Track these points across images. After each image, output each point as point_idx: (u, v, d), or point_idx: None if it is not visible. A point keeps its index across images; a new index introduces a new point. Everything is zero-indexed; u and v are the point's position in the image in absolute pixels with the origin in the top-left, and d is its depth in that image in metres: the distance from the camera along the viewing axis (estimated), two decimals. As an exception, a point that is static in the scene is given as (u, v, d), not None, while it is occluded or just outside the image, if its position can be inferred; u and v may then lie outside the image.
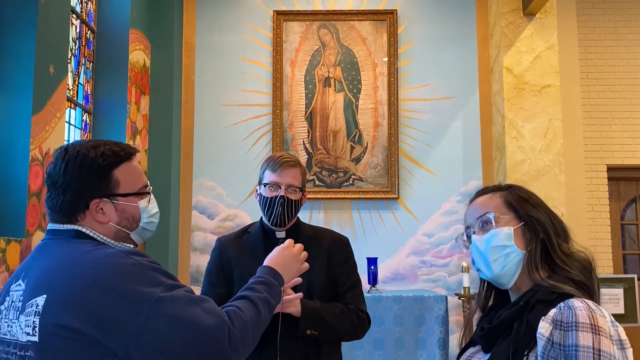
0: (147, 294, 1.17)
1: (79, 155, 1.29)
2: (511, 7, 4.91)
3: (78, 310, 1.14)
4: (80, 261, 1.20)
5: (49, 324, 1.16)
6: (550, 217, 1.36)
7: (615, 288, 4.44)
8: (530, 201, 1.37)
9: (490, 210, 1.36)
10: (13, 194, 2.98)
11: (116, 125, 4.33)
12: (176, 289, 1.23)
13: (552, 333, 1.18)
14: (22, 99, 3.04)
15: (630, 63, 5.39)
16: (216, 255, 2.06)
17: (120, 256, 1.21)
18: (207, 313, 1.21)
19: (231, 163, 5.15)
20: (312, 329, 1.89)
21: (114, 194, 1.31)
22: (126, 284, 1.17)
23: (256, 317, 1.32)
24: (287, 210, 1.98)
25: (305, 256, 1.67)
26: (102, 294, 1.15)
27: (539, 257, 1.32)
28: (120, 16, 4.42)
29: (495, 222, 1.35)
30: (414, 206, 5.11)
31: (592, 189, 5.21)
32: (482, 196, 1.41)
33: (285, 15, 5.28)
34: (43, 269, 1.23)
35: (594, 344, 1.14)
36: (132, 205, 1.34)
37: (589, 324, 1.16)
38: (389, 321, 4.18)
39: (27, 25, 3.08)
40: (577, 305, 1.19)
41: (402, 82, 5.23)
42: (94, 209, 1.29)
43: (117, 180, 1.31)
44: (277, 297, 1.46)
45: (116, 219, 1.31)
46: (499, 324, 1.29)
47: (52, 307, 1.16)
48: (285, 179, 1.99)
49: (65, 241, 1.27)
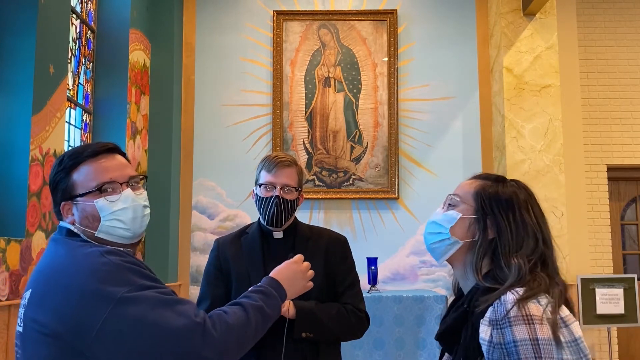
0: (111, 294, 1.16)
1: (54, 164, 1.37)
2: (511, 7, 4.92)
3: (48, 307, 1.19)
4: (61, 260, 1.25)
5: (28, 317, 1.22)
6: (524, 229, 1.29)
7: (615, 288, 4.44)
8: (501, 202, 1.32)
9: (458, 193, 1.38)
10: (13, 194, 2.98)
11: (116, 125, 4.33)
12: (148, 289, 1.20)
13: (492, 334, 1.17)
14: (22, 99, 3.04)
15: (630, 63, 5.39)
16: (214, 256, 2.06)
17: (96, 255, 1.23)
18: (178, 315, 1.19)
19: (231, 163, 5.15)
20: (307, 332, 1.88)
21: (72, 196, 1.33)
22: (92, 284, 1.17)
23: (244, 322, 1.29)
24: (283, 210, 1.98)
25: (312, 275, 1.63)
26: (69, 292, 1.18)
27: (480, 254, 1.30)
28: (120, 16, 4.42)
29: (455, 206, 1.36)
30: (414, 206, 5.11)
31: (592, 189, 5.21)
32: (470, 180, 1.41)
33: (285, 15, 5.28)
34: (39, 264, 1.30)
35: (529, 335, 1.13)
36: (89, 204, 1.32)
37: (520, 315, 1.14)
38: (389, 321, 4.18)
39: (27, 25, 3.08)
40: (508, 300, 1.17)
41: (402, 82, 5.24)
42: (65, 211, 1.34)
43: (74, 181, 1.33)
44: (275, 308, 1.42)
45: (78, 219, 1.33)
46: (446, 329, 1.30)
47: (32, 302, 1.22)
48: (280, 179, 1.98)
49: (62, 239, 1.32)
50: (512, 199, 1.33)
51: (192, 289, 4.97)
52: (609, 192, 5.29)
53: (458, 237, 1.34)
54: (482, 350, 1.18)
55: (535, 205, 1.35)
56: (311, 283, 1.64)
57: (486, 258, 1.30)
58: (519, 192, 1.35)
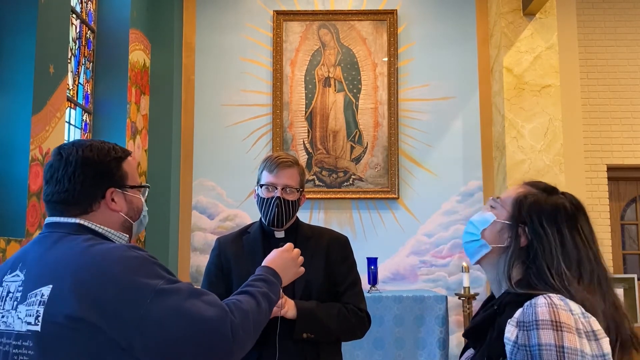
0: (150, 285, 1.19)
1: (94, 149, 1.36)
2: (511, 7, 4.91)
3: (84, 300, 1.17)
4: (85, 253, 1.23)
5: (54, 313, 1.17)
6: (562, 243, 1.25)
7: (615, 288, 4.44)
8: (542, 212, 1.29)
9: (501, 196, 1.38)
10: (13, 194, 2.98)
11: (116, 125, 4.33)
12: (177, 282, 1.26)
13: (517, 335, 1.15)
14: (22, 99, 3.04)
15: (630, 63, 5.39)
16: (215, 255, 2.06)
17: (124, 249, 1.25)
18: (208, 305, 1.23)
19: (231, 163, 5.15)
20: (308, 332, 1.88)
21: (125, 185, 1.39)
22: (130, 275, 1.20)
23: (256, 308, 1.35)
24: (284, 211, 1.98)
25: (302, 261, 1.69)
26: (107, 283, 1.18)
27: (511, 261, 1.28)
28: (120, 16, 4.42)
29: (494, 208, 1.36)
30: (414, 206, 5.11)
31: (592, 189, 5.21)
32: (519, 185, 1.40)
33: (285, 15, 5.28)
34: (46, 260, 1.25)
35: (556, 341, 1.10)
36: (137, 197, 1.42)
37: (550, 320, 1.12)
38: (388, 321, 4.18)
39: (27, 25, 3.08)
40: (539, 303, 1.15)
41: (402, 82, 5.23)
42: (109, 198, 1.36)
43: (126, 172, 1.40)
44: (276, 294, 1.48)
45: (125, 209, 1.39)
46: (474, 326, 1.29)
47: (59, 297, 1.18)
48: (281, 180, 1.98)
49: (65, 235, 1.30)
50: (556, 210, 1.29)
51: (192, 289, 4.97)
52: (609, 192, 5.29)
53: (488, 241, 1.33)
54: (504, 352, 1.16)
55: (584, 221, 1.31)
56: (302, 269, 1.69)
57: (518, 265, 1.27)
58: (566, 205, 1.31)
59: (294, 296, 1.93)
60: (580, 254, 1.26)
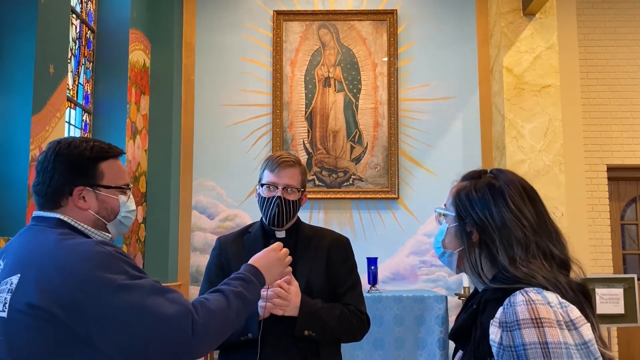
0: (112, 280, 1.22)
1: (71, 146, 1.40)
2: (511, 7, 4.91)
3: (46, 291, 1.21)
4: (54, 246, 1.28)
5: (19, 301, 1.23)
6: (506, 220, 1.24)
7: (615, 288, 4.44)
8: (474, 201, 1.28)
9: (446, 202, 1.36)
10: (13, 194, 2.98)
11: (116, 125, 4.33)
12: (141, 278, 1.28)
13: (501, 336, 1.15)
14: (22, 99, 3.04)
15: (630, 63, 5.39)
16: (216, 254, 2.06)
17: (91, 244, 1.29)
18: (171, 302, 1.25)
19: (231, 163, 5.15)
20: (310, 330, 1.87)
21: (97, 185, 1.41)
22: (93, 270, 1.23)
23: (225, 308, 1.35)
24: (284, 210, 1.97)
25: (290, 261, 1.69)
26: (68, 277, 1.22)
27: (472, 260, 1.27)
28: (120, 16, 4.42)
29: (445, 216, 1.35)
30: (414, 206, 5.11)
31: (592, 189, 5.21)
32: (457, 183, 1.38)
33: (285, 15, 5.28)
34: (21, 251, 1.32)
35: (539, 339, 1.11)
36: (112, 198, 1.43)
37: (530, 318, 1.12)
38: (389, 321, 4.18)
39: (27, 25, 3.08)
40: (518, 301, 1.15)
41: (402, 82, 5.24)
42: (77, 195, 1.38)
43: (102, 172, 1.42)
44: (255, 294, 1.49)
45: (96, 208, 1.41)
46: (457, 328, 1.29)
47: (24, 286, 1.23)
48: (282, 180, 1.98)
49: (45, 228, 1.35)
50: (483, 192, 1.28)
51: (192, 289, 4.97)
52: (609, 192, 5.29)
53: (451, 248, 1.33)
54: (491, 351, 1.17)
55: (515, 191, 1.27)
56: (290, 268, 1.70)
57: (484, 261, 1.27)
58: (492, 182, 1.30)
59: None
60: (511, 230, 1.23)
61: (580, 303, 1.20)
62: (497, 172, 1.34)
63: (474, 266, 1.28)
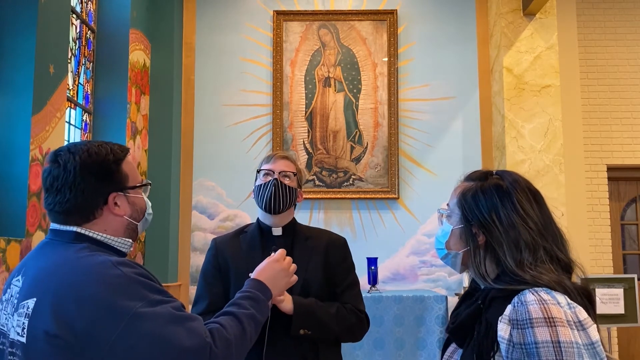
0: (126, 309, 1.16)
1: (91, 153, 1.31)
2: (511, 7, 4.91)
3: (61, 319, 1.16)
4: (70, 268, 1.22)
5: (37, 327, 1.18)
6: (513, 222, 1.24)
7: (615, 288, 4.44)
8: (481, 203, 1.28)
9: (449, 202, 1.36)
10: (13, 194, 2.98)
11: (116, 125, 4.33)
12: (161, 304, 1.21)
13: (511, 333, 1.16)
14: (22, 99, 3.04)
15: (630, 63, 5.39)
16: (212, 255, 2.05)
17: (108, 266, 1.21)
18: (189, 332, 1.20)
19: (231, 163, 5.15)
20: (305, 328, 1.86)
21: (126, 187, 1.35)
22: (107, 296, 1.17)
23: (241, 335, 1.32)
24: (280, 194, 1.98)
25: (295, 269, 1.67)
26: (84, 305, 1.16)
27: (477, 262, 1.27)
28: (120, 16, 4.42)
29: (449, 217, 1.35)
30: (414, 206, 5.11)
31: (592, 189, 5.21)
32: (462, 183, 1.38)
33: (285, 15, 5.28)
34: (38, 271, 1.26)
35: (551, 337, 1.12)
36: (139, 197, 1.38)
37: (543, 317, 1.13)
38: (389, 321, 4.18)
39: (27, 25, 3.09)
40: (529, 300, 1.16)
41: (402, 82, 5.24)
42: (112, 203, 1.32)
43: (126, 174, 1.35)
44: (264, 312, 1.45)
45: (129, 211, 1.35)
46: (459, 324, 1.29)
47: (41, 312, 1.19)
48: (278, 167, 2.03)
49: (63, 243, 1.29)
50: (490, 194, 1.28)
51: (192, 289, 4.97)
52: (609, 192, 5.29)
53: (455, 250, 1.33)
54: (495, 347, 1.17)
55: (522, 193, 1.28)
56: (295, 277, 1.68)
57: (488, 263, 1.27)
58: (500, 184, 1.30)
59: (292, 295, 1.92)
60: (519, 233, 1.24)
61: (585, 306, 1.21)
62: (502, 174, 1.34)
63: (477, 267, 1.28)
